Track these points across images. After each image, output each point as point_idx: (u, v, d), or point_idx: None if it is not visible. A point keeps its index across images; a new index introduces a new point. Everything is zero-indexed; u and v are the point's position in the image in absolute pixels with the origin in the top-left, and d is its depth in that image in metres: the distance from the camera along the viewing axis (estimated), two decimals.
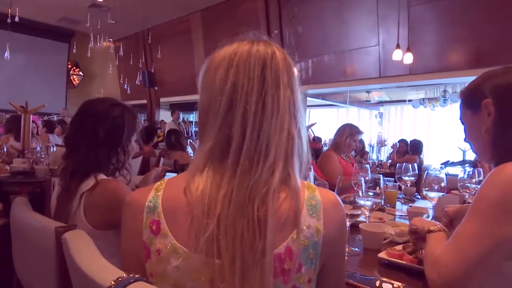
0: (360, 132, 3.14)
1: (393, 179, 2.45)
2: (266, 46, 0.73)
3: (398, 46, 4.86)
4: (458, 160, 6.39)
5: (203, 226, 0.64)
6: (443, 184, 1.80)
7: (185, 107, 9.76)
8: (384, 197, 1.81)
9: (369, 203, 1.38)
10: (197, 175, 0.69)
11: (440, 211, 1.81)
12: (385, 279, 1.09)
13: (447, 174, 2.16)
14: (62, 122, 6.97)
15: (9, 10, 5.64)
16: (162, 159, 3.70)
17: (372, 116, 11.27)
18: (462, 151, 6.60)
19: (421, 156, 6.12)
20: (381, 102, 10.77)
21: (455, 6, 4.93)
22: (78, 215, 1.23)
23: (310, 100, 8.47)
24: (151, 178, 1.67)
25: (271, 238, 0.63)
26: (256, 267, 0.62)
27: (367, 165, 2.56)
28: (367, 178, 1.64)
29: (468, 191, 1.99)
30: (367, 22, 5.81)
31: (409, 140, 6.51)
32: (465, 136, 1.08)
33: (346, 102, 9.86)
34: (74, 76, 11.87)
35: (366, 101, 10.24)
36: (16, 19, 5.63)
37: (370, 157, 7.46)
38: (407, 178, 2.38)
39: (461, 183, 2.02)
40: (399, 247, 1.23)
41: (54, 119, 8.58)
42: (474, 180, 1.98)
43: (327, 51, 6.34)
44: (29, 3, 7.50)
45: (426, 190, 1.81)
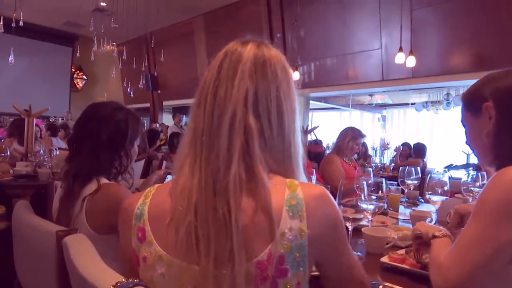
0: (362, 136, 3.13)
1: (396, 182, 2.44)
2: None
3: (400, 49, 4.85)
4: (461, 163, 6.36)
5: (182, 217, 0.63)
6: (446, 188, 1.79)
7: (188, 110, 9.76)
8: (386, 200, 1.80)
9: (372, 207, 1.37)
10: (180, 171, 0.69)
11: (444, 215, 1.80)
12: (387, 284, 1.08)
13: (450, 178, 2.15)
14: (65, 126, 7.01)
15: (14, 14, 5.67)
16: (164, 162, 3.70)
17: (375, 120, 11.24)
18: (465, 155, 6.55)
19: (425, 159, 6.09)
20: (383, 106, 10.74)
21: (457, 9, 4.92)
22: (79, 219, 1.22)
23: (313, 104, 8.46)
24: (152, 182, 1.67)
25: (238, 240, 0.61)
26: (231, 274, 0.60)
27: (370, 169, 2.55)
28: (369, 181, 1.63)
29: (471, 194, 1.98)
30: (369, 25, 5.80)
31: (412, 144, 6.48)
32: (466, 139, 1.07)
33: (349, 105, 9.85)
34: (78, 80, 11.93)
35: (369, 104, 10.21)
36: (21, 23, 5.66)
37: (373, 160, 7.43)
38: (410, 181, 2.36)
39: (465, 187, 2.00)
40: (402, 251, 1.22)
41: (58, 122, 8.63)
42: (478, 183, 1.97)
43: (330, 55, 6.34)
44: (33, 7, 7.56)
45: (429, 194, 1.79)
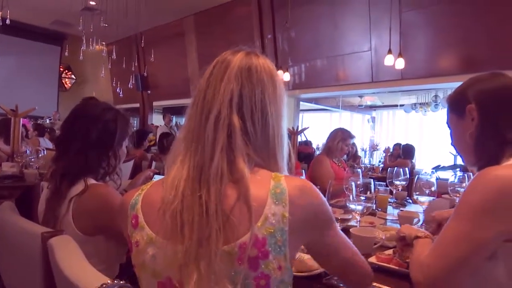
0: (352, 137, 3.15)
1: (384, 183, 2.46)
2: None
3: (390, 51, 4.90)
4: (449, 164, 6.45)
5: (170, 201, 0.70)
6: (433, 189, 1.81)
7: (178, 111, 9.73)
8: (375, 201, 1.81)
9: (360, 207, 1.38)
10: (172, 165, 0.76)
11: (430, 216, 1.82)
12: (375, 284, 1.09)
13: (437, 179, 2.18)
14: (52, 130, 6.94)
15: (0, 12, 5.59)
16: (154, 162, 3.67)
17: (365, 121, 11.33)
18: (453, 156, 6.64)
19: (413, 160, 6.16)
20: (373, 107, 10.84)
21: (445, 12, 4.99)
22: (66, 220, 1.21)
23: (304, 105, 8.50)
24: (139, 182, 1.66)
25: (217, 226, 0.66)
26: (208, 253, 0.65)
27: (359, 170, 2.57)
28: (358, 182, 1.64)
29: (458, 195, 2.00)
30: (359, 28, 5.85)
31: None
32: (451, 140, 1.09)
33: (339, 106, 9.91)
34: (66, 79, 11.79)
35: (359, 105, 10.30)
36: (8, 21, 5.58)
37: (363, 161, 7.49)
38: (398, 182, 2.39)
39: (452, 188, 2.03)
40: (389, 252, 1.23)
41: (46, 122, 8.51)
42: (464, 184, 1.99)
43: (320, 56, 6.38)
44: (21, 6, 7.44)
45: (416, 194, 1.82)
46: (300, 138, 6.07)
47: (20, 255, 1.07)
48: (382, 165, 6.37)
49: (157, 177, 1.65)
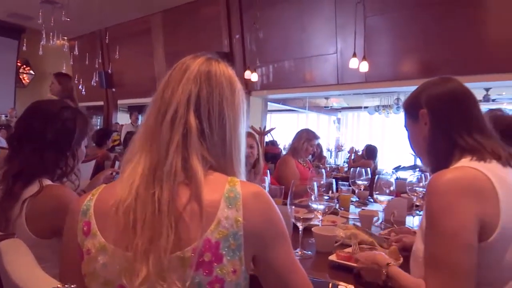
0: (316, 137, 3.21)
1: (348, 183, 2.53)
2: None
3: (354, 55, 5.04)
4: (409, 165, 6.71)
5: (124, 199, 0.69)
6: (392, 188, 1.88)
7: (145, 109, 9.51)
8: (336, 200, 1.86)
9: (322, 207, 1.42)
10: (128, 163, 0.76)
11: (388, 214, 1.89)
12: (336, 282, 1.12)
13: (396, 179, 2.26)
14: (8, 126, 6.59)
15: None
16: (117, 162, 3.57)
17: (331, 122, 11.59)
18: (413, 157, 6.92)
19: (376, 161, 6.36)
20: (339, 109, 11.11)
21: (407, 18, 5.19)
22: (19, 222, 1.16)
23: (271, 105, 8.56)
24: (99, 182, 1.61)
25: (168, 224, 0.66)
26: (158, 250, 0.65)
27: (323, 170, 2.63)
28: (322, 182, 1.68)
29: (415, 194, 2.10)
30: (326, 31, 5.97)
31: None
32: (409, 142, 1.14)
33: (305, 107, 10.07)
34: (24, 75, 11.20)
35: (325, 107, 10.51)
36: None
37: (328, 161, 7.65)
38: (360, 182, 2.46)
39: (410, 187, 2.12)
40: (349, 249, 1.27)
41: (2, 119, 8.07)
42: (422, 184, 2.09)
43: (288, 57, 6.44)
44: None
45: (376, 194, 1.88)
46: (267, 139, 6.10)
47: None
48: (347, 165, 6.54)
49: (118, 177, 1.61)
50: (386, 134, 9.86)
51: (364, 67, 5.02)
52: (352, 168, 2.57)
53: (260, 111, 7.60)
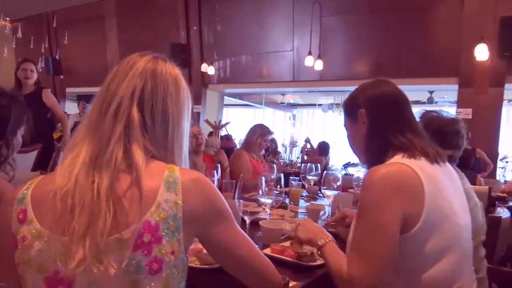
0: (270, 133, 3.25)
1: (299, 178, 2.59)
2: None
3: (310, 53, 5.15)
4: (358, 161, 6.99)
5: (62, 185, 0.70)
6: (339, 183, 1.96)
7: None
8: (285, 195, 1.90)
9: (270, 201, 1.44)
10: (68, 151, 0.76)
11: (334, 208, 1.96)
12: None
13: (345, 174, 2.35)
14: None
15: None
16: (61, 153, 3.39)
17: (286, 118, 11.79)
18: None
19: (328, 157, 6.56)
20: (294, 105, 11.33)
21: (361, 21, 5.41)
22: None
23: (228, 99, 8.54)
24: None
25: (106, 209, 0.68)
26: (95, 233, 0.66)
27: (274, 165, 2.67)
28: (272, 177, 1.70)
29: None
30: (283, 28, 6.04)
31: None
32: (348, 141, 1.20)
33: (262, 103, 10.15)
34: None
35: (281, 103, 10.67)
36: None
37: (282, 156, 7.78)
38: (310, 177, 2.53)
39: (356, 182, 2.22)
40: (287, 243, 1.30)
41: None
42: None
43: (245, 52, 6.45)
44: None
45: (324, 189, 1.94)
46: (222, 133, 6.08)
47: None
48: (301, 161, 6.69)
49: None
50: (338, 132, 10.19)
51: (319, 65, 5.15)
52: (303, 164, 2.64)
53: (216, 105, 7.56)
